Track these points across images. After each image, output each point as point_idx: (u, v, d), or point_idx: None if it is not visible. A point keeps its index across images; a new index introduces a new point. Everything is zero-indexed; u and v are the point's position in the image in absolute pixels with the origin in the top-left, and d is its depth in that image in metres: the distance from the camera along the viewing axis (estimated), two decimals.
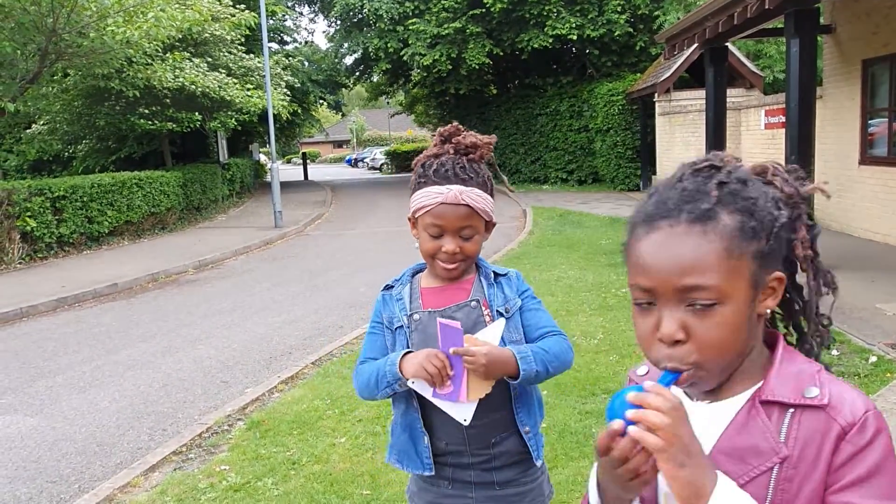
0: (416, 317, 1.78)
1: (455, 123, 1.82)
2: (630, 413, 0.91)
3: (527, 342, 1.79)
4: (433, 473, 1.80)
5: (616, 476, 0.95)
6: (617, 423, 0.91)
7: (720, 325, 0.94)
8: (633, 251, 1.01)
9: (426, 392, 1.70)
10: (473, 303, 1.76)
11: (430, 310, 1.78)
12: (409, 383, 1.70)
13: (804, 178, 1.06)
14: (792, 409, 0.96)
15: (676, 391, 0.99)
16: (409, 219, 1.81)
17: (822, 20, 10.43)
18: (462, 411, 1.69)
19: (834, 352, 5.08)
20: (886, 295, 6.47)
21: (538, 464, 1.81)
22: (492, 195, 1.78)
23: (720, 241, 0.94)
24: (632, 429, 0.90)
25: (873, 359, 4.89)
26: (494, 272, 1.83)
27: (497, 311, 1.76)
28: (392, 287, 1.88)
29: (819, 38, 10.41)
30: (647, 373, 1.14)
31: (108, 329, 7.45)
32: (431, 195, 1.70)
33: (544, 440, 1.90)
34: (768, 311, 1.01)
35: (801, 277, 1.09)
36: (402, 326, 1.80)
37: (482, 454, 1.77)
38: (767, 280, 0.99)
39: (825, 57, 10.71)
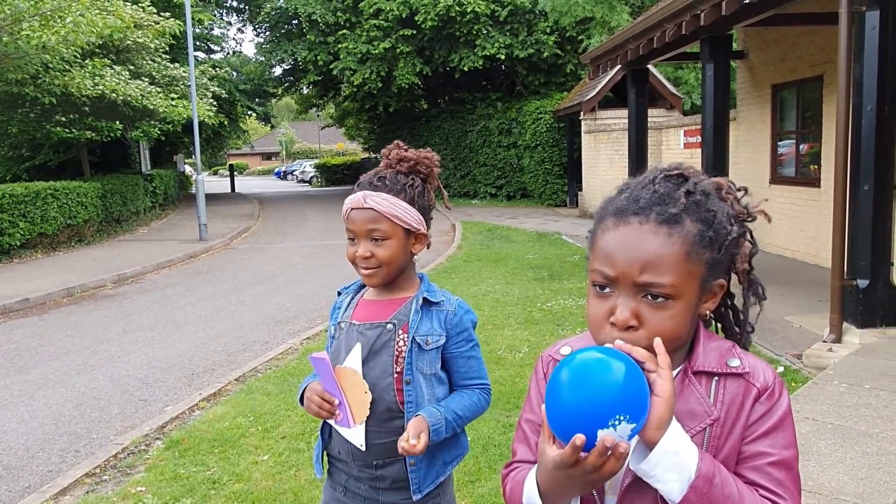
0: (341, 326, 1.83)
1: (397, 141, 1.86)
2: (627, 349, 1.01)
3: (451, 384, 1.84)
4: (320, 477, 1.90)
5: (586, 481, 1.00)
6: (580, 439, 0.95)
7: (670, 319, 1.05)
8: (600, 239, 1.10)
9: (330, 421, 1.79)
10: (389, 325, 1.76)
11: (352, 321, 1.80)
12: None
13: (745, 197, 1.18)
14: (717, 377, 1.11)
15: None
16: None
17: (735, 46, 10.97)
18: (357, 436, 1.74)
19: None
20: (794, 308, 6.81)
21: (415, 498, 1.76)
22: (414, 204, 1.76)
23: (682, 245, 1.04)
24: (606, 435, 0.95)
25: (780, 369, 5.14)
26: (427, 298, 1.79)
27: (415, 339, 1.74)
28: (340, 294, 1.94)
29: (733, 63, 10.95)
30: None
31: (18, 346, 7.11)
32: (347, 203, 1.77)
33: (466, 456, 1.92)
34: (708, 312, 1.14)
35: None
36: (330, 335, 1.86)
37: (367, 472, 1.80)
38: (713, 285, 1.11)
39: (738, 81, 11.25)
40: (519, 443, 1.26)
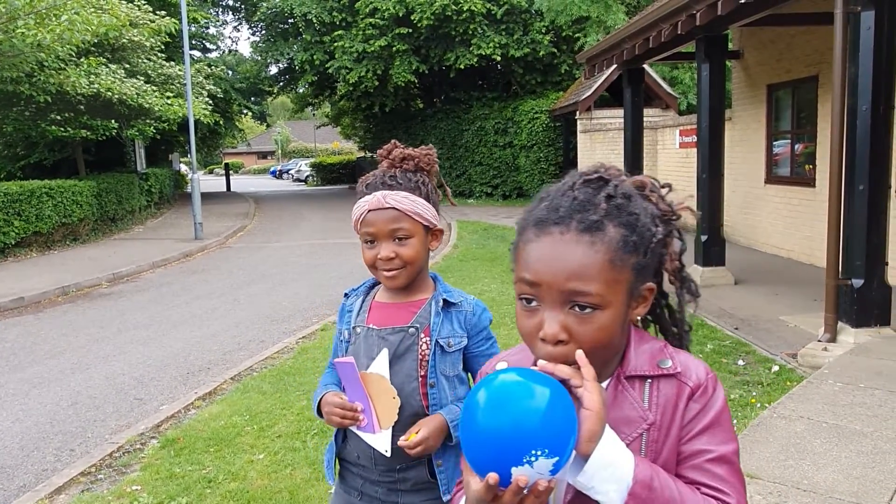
0: (357, 330, 1.78)
1: (394, 141, 1.84)
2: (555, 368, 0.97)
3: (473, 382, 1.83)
4: (332, 482, 1.87)
5: None
6: (493, 478, 0.91)
7: (599, 329, 1.02)
8: (522, 251, 1.06)
9: (352, 427, 1.73)
10: (412, 329, 1.73)
11: (370, 326, 1.76)
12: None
13: (669, 194, 1.15)
14: (650, 380, 1.09)
15: None
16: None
17: (730, 46, 10.99)
18: (382, 442, 1.70)
19: (740, 362, 5.33)
20: (789, 307, 6.83)
21: (445, 499, 1.72)
22: (428, 200, 1.75)
23: (605, 253, 1.01)
24: (520, 475, 0.91)
25: (775, 368, 5.15)
26: (446, 300, 1.76)
27: (438, 342, 1.72)
28: (348, 296, 1.88)
29: (728, 63, 10.97)
30: None
31: (13, 345, 7.09)
32: (361, 206, 1.71)
33: None
34: (639, 316, 1.11)
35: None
36: (343, 340, 1.81)
37: (388, 476, 1.77)
38: (641, 290, 1.08)
39: (734, 81, 11.28)
40: None
